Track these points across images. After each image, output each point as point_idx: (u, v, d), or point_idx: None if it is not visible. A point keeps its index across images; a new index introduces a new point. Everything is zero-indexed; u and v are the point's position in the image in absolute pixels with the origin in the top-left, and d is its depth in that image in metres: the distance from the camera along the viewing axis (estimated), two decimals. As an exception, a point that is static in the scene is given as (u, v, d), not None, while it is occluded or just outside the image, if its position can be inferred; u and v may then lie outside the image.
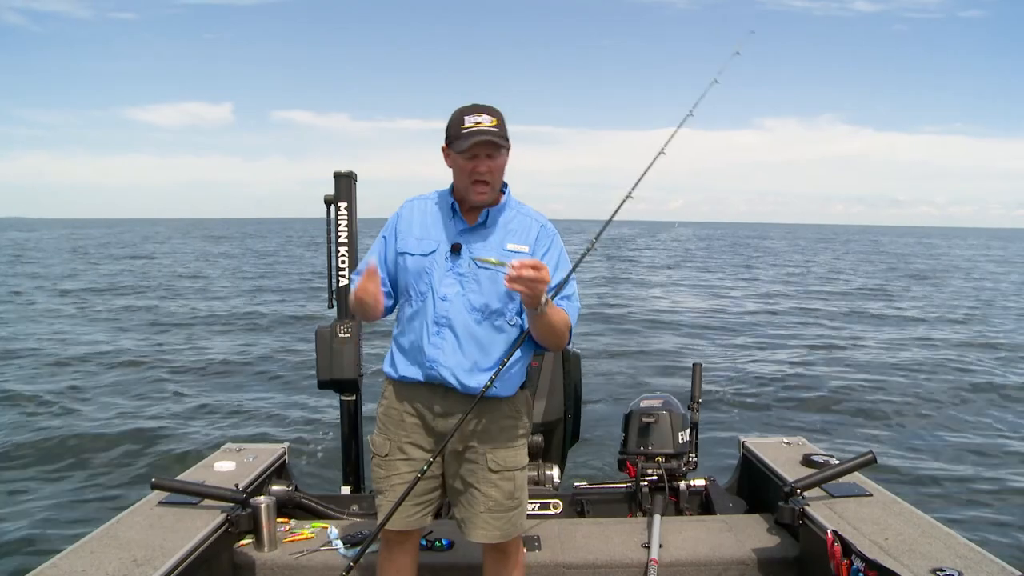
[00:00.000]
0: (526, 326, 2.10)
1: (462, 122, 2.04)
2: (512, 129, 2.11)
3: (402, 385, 2.19)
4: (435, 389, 2.14)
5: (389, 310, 2.22)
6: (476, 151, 2.04)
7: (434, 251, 2.12)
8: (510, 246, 2.13)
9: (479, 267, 2.08)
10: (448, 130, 2.09)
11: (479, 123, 2.03)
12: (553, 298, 2.07)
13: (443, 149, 2.13)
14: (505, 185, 2.18)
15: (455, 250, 2.11)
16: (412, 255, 2.14)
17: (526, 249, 2.14)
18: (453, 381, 2.10)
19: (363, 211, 3.78)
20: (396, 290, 2.22)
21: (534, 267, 1.85)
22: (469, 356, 2.10)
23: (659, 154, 2.41)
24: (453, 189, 2.18)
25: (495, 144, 2.04)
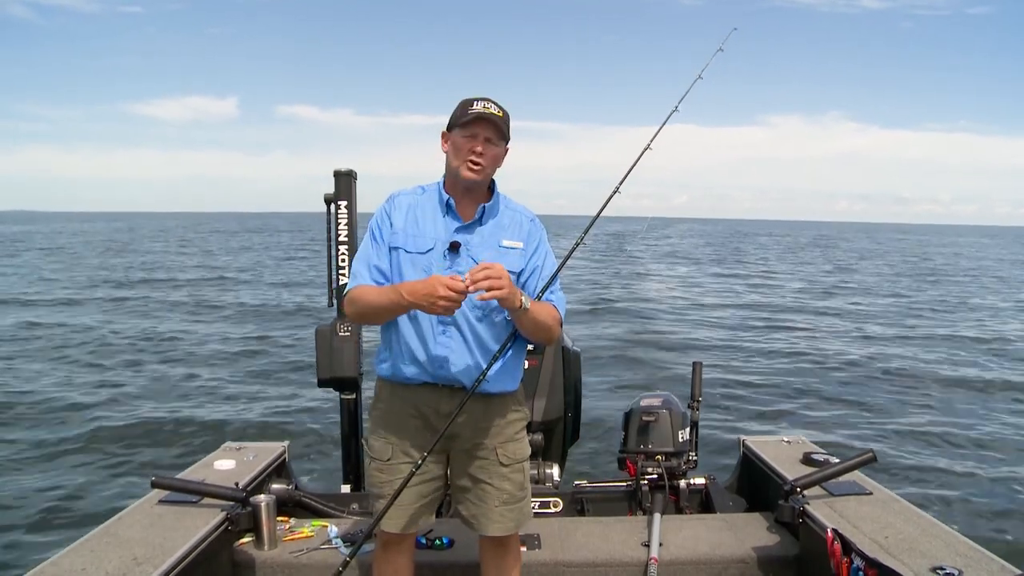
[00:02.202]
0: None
1: (470, 105, 2.06)
2: (516, 125, 2.13)
3: (402, 387, 2.16)
4: (440, 390, 2.12)
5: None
6: (477, 130, 2.05)
7: (431, 249, 2.09)
8: (506, 242, 2.14)
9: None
10: (453, 114, 2.10)
11: (487, 107, 2.06)
12: (543, 292, 2.09)
13: (442, 135, 2.14)
14: (493, 183, 2.18)
15: (453, 248, 2.08)
16: (408, 252, 2.10)
17: (520, 245, 2.15)
18: (465, 380, 2.09)
19: (364, 207, 3.77)
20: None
21: (484, 268, 1.87)
22: (476, 354, 2.10)
23: (645, 149, 2.42)
24: (444, 184, 2.16)
25: (498, 128, 2.06)
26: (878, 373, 9.98)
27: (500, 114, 2.07)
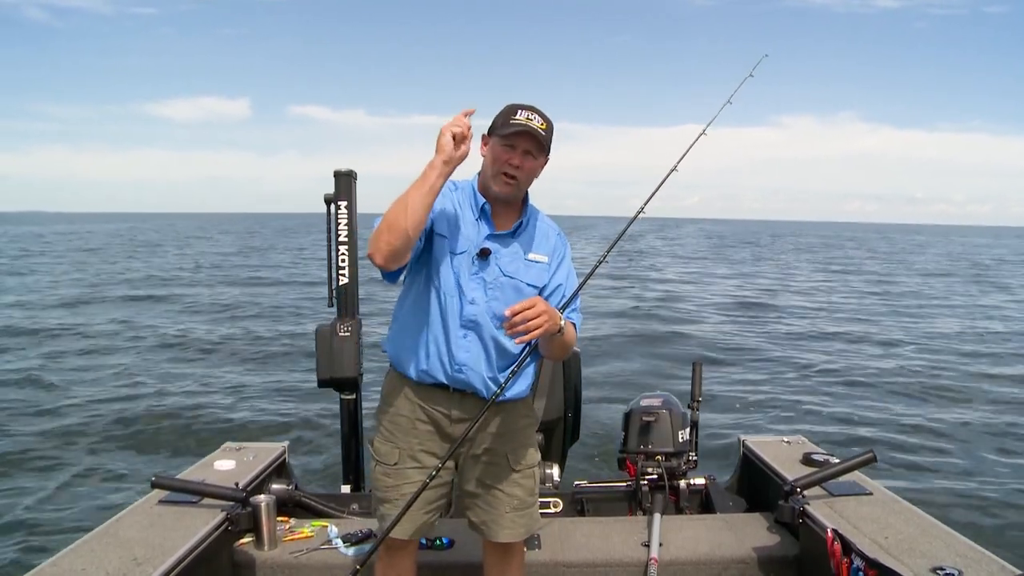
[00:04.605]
0: None
1: (514, 114, 2.00)
2: None
3: (415, 387, 2.13)
4: (452, 394, 2.10)
5: (416, 254, 2.02)
6: (516, 141, 1.99)
7: (465, 251, 2.06)
8: (532, 255, 2.11)
9: (504, 275, 2.06)
10: (495, 119, 2.05)
11: (530, 119, 1.99)
12: (563, 310, 2.04)
13: (483, 137, 2.09)
14: (526, 193, 2.14)
15: (483, 255, 2.05)
16: (446, 248, 2.05)
17: (545, 259, 2.12)
18: (480, 387, 2.07)
19: (371, 207, 3.76)
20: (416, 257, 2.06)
21: (528, 307, 1.82)
22: (494, 362, 2.08)
23: (672, 171, 2.37)
24: (478, 186, 2.12)
25: (538, 142, 2.00)
26: (879, 373, 9.97)
27: (543, 127, 2.00)
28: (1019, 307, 18.45)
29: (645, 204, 2.30)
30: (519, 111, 2.00)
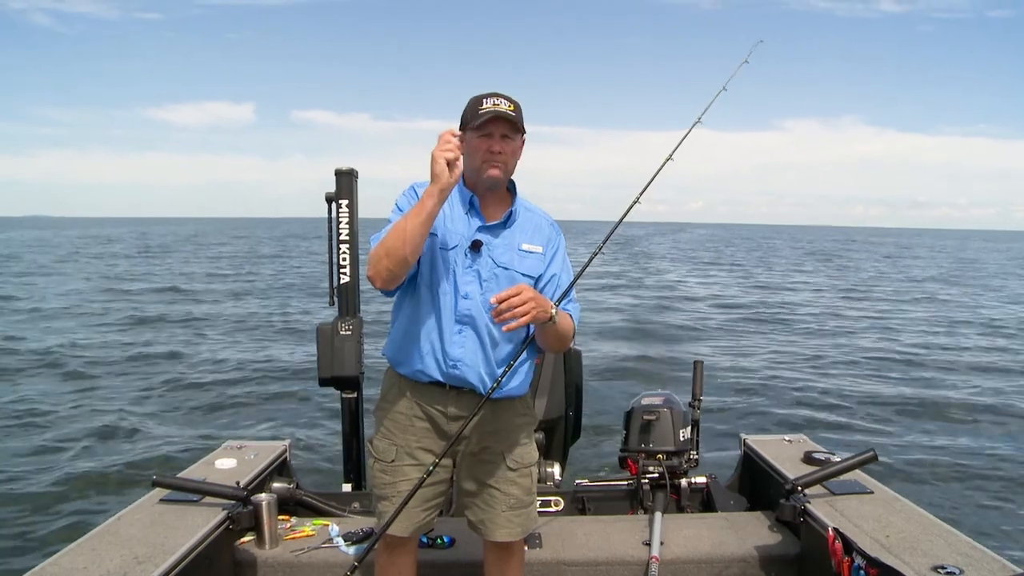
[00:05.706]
0: (532, 328, 2.06)
1: (480, 104, 2.01)
2: (529, 129, 2.07)
3: (410, 384, 2.13)
4: (448, 391, 2.10)
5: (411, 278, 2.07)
6: (491, 129, 2.00)
7: (456, 246, 2.06)
8: (525, 246, 2.11)
9: (498, 266, 2.06)
10: (464, 114, 2.05)
11: (496, 105, 2.00)
12: (559, 301, 2.04)
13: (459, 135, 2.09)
14: (513, 183, 2.15)
15: (475, 247, 2.06)
16: (438, 246, 2.05)
17: (539, 249, 2.12)
18: (477, 383, 2.07)
19: (375, 212, 3.76)
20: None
21: (515, 294, 1.83)
22: (491, 357, 2.08)
23: (667, 160, 2.37)
24: (464, 181, 2.11)
25: (511, 123, 2.00)
26: (879, 371, 9.97)
27: (512, 108, 2.01)
28: (1018, 307, 18.42)
29: (641, 193, 2.29)
30: (484, 100, 2.01)
